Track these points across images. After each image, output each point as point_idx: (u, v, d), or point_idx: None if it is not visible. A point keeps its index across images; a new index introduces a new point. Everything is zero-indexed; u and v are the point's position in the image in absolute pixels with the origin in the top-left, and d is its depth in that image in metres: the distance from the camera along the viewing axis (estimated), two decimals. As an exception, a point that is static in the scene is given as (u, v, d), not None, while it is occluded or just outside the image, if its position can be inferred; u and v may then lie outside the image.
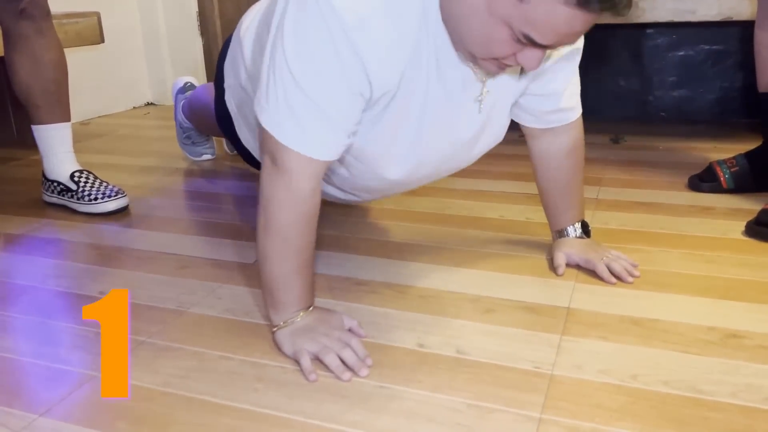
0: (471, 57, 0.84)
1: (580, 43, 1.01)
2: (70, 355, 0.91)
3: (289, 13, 0.81)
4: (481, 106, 0.97)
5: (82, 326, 0.99)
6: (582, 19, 0.73)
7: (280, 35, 0.81)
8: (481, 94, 0.95)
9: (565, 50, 0.99)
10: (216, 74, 1.31)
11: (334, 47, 0.78)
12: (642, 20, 1.81)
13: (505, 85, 0.98)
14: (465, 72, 0.91)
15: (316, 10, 0.78)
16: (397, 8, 0.81)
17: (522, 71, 0.98)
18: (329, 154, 0.85)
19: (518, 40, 0.77)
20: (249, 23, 1.13)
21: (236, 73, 1.17)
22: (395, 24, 0.81)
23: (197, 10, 2.81)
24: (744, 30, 1.46)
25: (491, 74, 0.91)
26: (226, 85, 1.24)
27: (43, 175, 1.56)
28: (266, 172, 0.86)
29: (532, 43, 0.76)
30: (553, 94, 1.04)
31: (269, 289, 0.90)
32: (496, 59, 0.82)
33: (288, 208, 0.85)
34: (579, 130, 1.12)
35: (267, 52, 0.85)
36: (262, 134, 0.85)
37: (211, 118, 1.43)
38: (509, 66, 0.84)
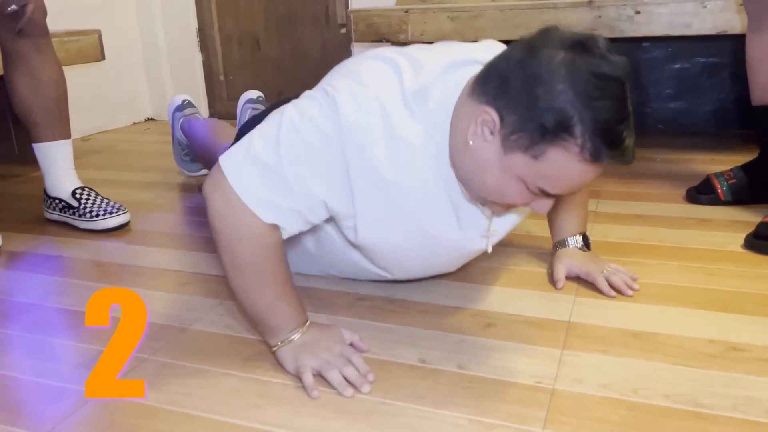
0: (480, 199, 0.87)
1: None
2: (72, 373, 0.91)
3: (300, 99, 0.86)
4: (488, 241, 0.99)
5: (85, 344, 0.99)
6: (592, 172, 0.77)
7: (288, 109, 0.86)
8: (488, 230, 0.97)
9: None
10: (238, 135, 1.33)
11: (328, 134, 0.83)
12: (638, 34, 1.83)
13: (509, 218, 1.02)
14: (473, 210, 0.94)
15: (324, 99, 0.84)
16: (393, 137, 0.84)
17: None
18: (275, 218, 0.85)
19: (532, 193, 0.80)
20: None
21: None
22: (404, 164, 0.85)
23: (197, 26, 2.84)
24: (738, 43, 1.48)
25: (497, 214, 0.95)
26: None
27: (45, 193, 1.57)
28: (218, 209, 0.85)
29: (545, 194, 0.80)
30: None
31: (258, 320, 0.90)
32: (507, 205, 0.86)
33: (250, 243, 0.85)
34: None
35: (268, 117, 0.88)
36: (216, 172, 0.86)
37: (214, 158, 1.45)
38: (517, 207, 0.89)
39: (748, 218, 1.40)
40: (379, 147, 0.83)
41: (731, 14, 1.74)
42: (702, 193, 1.53)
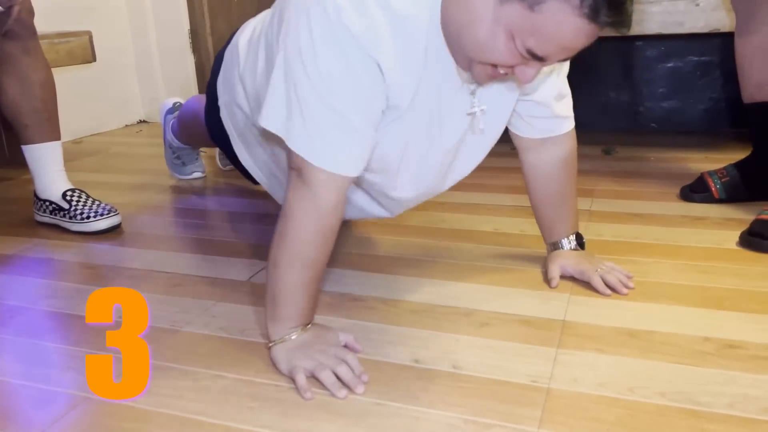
0: (466, 63, 0.85)
1: None
2: (62, 377, 0.90)
3: (300, 31, 0.82)
4: (474, 121, 0.97)
5: (74, 347, 0.98)
6: (587, 33, 0.74)
7: (295, 53, 0.82)
8: (473, 107, 0.95)
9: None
10: (208, 92, 1.30)
11: (347, 57, 0.80)
12: (631, 32, 1.82)
13: (500, 98, 0.99)
14: (462, 86, 0.92)
15: (326, 25, 0.80)
16: (405, 26, 0.82)
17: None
18: (356, 168, 0.86)
19: (520, 54, 0.78)
20: (246, 41, 1.13)
21: (232, 91, 1.16)
22: (404, 40, 0.83)
23: (189, 27, 2.82)
24: (731, 41, 1.48)
25: (482, 83, 0.92)
26: (220, 102, 1.23)
27: (35, 195, 1.56)
28: (292, 185, 0.86)
29: (533, 56, 0.77)
30: (543, 101, 1.05)
31: (273, 300, 0.89)
32: (493, 66, 0.82)
33: (310, 219, 0.85)
34: (572, 141, 1.12)
35: (279, 71, 0.85)
36: (288, 151, 0.86)
37: (203, 129, 1.42)
38: (502, 76, 0.85)
39: (742, 216, 1.39)
40: (388, 39, 0.81)
41: (724, 13, 1.75)
42: (696, 191, 1.53)
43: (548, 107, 1.06)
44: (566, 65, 1.05)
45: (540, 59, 0.78)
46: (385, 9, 0.80)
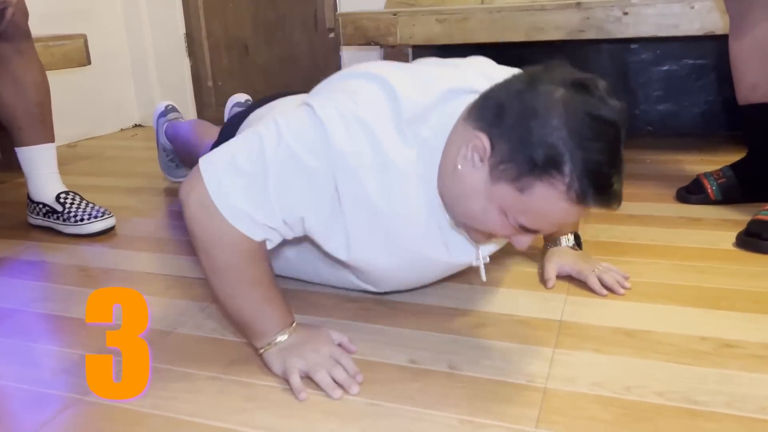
0: (463, 225, 0.86)
1: None
2: (55, 379, 0.89)
3: (287, 111, 0.83)
4: (481, 267, 0.97)
5: (67, 349, 0.97)
6: (576, 213, 0.76)
7: (275, 117, 0.83)
8: (478, 257, 0.96)
9: None
10: (219, 138, 1.30)
11: (317, 154, 0.80)
12: (626, 35, 1.83)
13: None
14: (460, 236, 0.94)
15: (312, 117, 0.81)
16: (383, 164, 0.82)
17: None
18: (258, 237, 0.83)
19: (513, 227, 0.80)
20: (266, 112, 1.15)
21: None
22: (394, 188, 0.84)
23: (185, 31, 2.82)
24: (726, 44, 1.48)
25: (477, 242, 0.93)
26: None
27: (28, 197, 1.55)
28: (194, 213, 0.82)
29: (526, 230, 0.80)
30: None
31: (242, 325, 0.88)
32: (490, 235, 0.85)
33: (228, 249, 0.83)
34: None
35: (256, 125, 0.85)
36: (194, 175, 0.83)
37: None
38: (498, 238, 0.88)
39: (738, 217, 1.39)
40: (369, 172, 0.81)
41: (718, 15, 1.75)
42: (692, 192, 1.52)
43: None
44: None
45: (533, 232, 0.80)
46: (377, 149, 0.81)
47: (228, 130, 1.27)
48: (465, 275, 1.16)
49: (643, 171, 1.83)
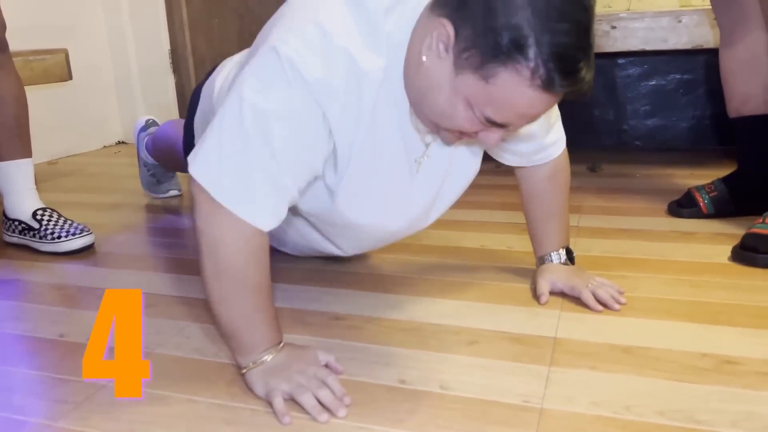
0: (432, 126, 0.83)
1: None
2: (25, 403, 0.84)
3: (256, 69, 0.78)
4: (420, 166, 0.94)
5: (39, 371, 0.92)
6: (544, 101, 0.73)
7: (243, 88, 0.78)
8: (423, 155, 0.93)
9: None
10: (186, 127, 1.27)
11: (295, 98, 0.76)
12: (614, 49, 1.82)
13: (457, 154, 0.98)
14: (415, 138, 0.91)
15: (278, 68, 0.76)
16: (360, 83, 0.79)
17: None
18: (270, 224, 0.81)
19: (480, 121, 0.76)
20: (222, 79, 1.10)
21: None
22: (355, 97, 0.80)
23: (170, 47, 2.79)
24: (714, 58, 1.47)
25: (450, 143, 0.90)
26: (197, 141, 1.20)
27: (4, 215, 1.50)
28: (204, 213, 0.79)
29: (493, 123, 0.76)
30: (531, 136, 1.03)
31: (231, 334, 0.84)
32: (459, 132, 0.81)
33: (235, 245, 0.79)
34: (563, 159, 1.10)
35: (224, 101, 0.81)
36: (192, 183, 0.80)
37: (179, 156, 1.39)
38: (469, 138, 0.84)
39: (731, 231, 1.37)
40: (349, 87, 0.78)
41: (707, 29, 1.75)
42: (684, 206, 1.50)
43: (536, 139, 1.04)
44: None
45: (500, 126, 0.77)
46: (351, 63, 0.78)
47: (194, 99, 1.25)
48: (457, 291, 1.13)
49: (633, 185, 1.81)
